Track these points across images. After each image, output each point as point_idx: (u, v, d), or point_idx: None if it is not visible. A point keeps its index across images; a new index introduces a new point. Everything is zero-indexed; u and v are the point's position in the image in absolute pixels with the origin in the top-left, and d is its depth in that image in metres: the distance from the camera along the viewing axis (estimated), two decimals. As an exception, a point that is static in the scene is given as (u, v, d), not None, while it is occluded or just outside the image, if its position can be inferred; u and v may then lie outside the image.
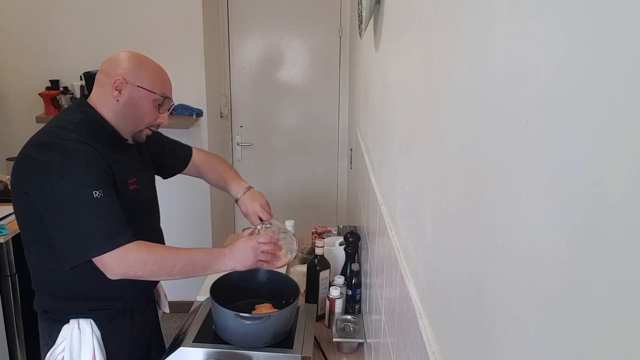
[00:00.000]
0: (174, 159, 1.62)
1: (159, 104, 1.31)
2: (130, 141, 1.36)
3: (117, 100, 1.26)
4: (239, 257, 1.31)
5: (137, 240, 1.21)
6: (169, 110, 1.36)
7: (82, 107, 1.30)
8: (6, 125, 3.03)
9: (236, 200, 1.58)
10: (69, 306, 1.33)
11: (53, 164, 1.17)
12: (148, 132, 1.36)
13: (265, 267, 1.39)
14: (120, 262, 1.17)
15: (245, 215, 1.55)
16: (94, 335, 1.32)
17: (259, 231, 1.46)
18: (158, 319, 1.62)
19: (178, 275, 1.23)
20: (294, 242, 1.48)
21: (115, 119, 1.29)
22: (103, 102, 1.28)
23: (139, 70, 1.27)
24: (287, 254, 1.45)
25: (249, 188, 1.58)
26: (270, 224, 1.51)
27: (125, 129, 1.32)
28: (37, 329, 1.41)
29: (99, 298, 1.34)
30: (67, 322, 1.33)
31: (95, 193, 1.15)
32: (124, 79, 1.25)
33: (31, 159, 1.20)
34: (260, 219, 1.52)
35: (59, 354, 1.31)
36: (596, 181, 0.28)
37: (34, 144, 1.22)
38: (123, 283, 1.27)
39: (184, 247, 1.27)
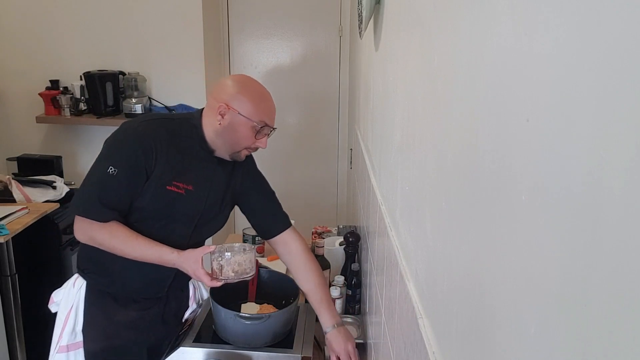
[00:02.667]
0: (266, 218, 1.59)
1: (256, 130, 1.36)
2: (228, 158, 1.42)
3: (220, 124, 1.34)
4: (186, 258, 1.31)
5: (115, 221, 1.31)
6: (268, 135, 1.42)
7: (196, 113, 1.43)
8: (6, 125, 3.03)
9: (325, 332, 1.44)
10: (80, 260, 1.46)
11: (110, 138, 1.35)
12: (246, 152, 1.44)
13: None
14: (82, 232, 1.33)
15: (337, 351, 1.40)
16: (79, 295, 1.42)
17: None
18: (175, 328, 1.52)
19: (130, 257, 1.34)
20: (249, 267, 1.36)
21: (215, 138, 1.38)
22: (207, 122, 1.38)
23: (241, 97, 1.34)
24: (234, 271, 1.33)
25: (342, 324, 1.46)
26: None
27: (223, 148, 1.40)
28: (37, 329, 1.42)
29: (99, 271, 1.42)
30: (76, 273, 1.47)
31: (111, 169, 1.27)
32: (227, 105, 1.32)
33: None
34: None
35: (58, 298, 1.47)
36: (596, 181, 0.28)
37: None
38: (129, 272, 1.38)
39: (145, 240, 1.32)
